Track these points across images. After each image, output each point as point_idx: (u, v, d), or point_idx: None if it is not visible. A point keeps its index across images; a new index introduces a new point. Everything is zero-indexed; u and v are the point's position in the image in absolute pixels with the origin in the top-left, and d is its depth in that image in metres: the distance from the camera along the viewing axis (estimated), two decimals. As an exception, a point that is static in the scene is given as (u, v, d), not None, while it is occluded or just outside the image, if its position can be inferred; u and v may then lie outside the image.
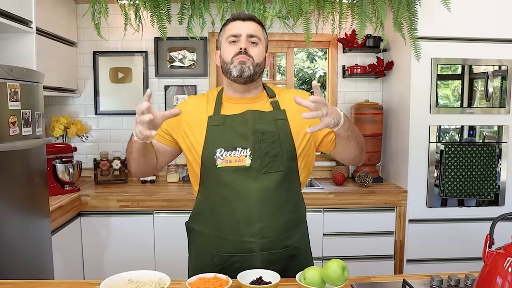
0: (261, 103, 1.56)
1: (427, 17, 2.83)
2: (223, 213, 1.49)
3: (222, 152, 1.46)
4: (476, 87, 2.97)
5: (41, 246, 2.22)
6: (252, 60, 1.48)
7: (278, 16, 2.80)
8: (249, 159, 1.45)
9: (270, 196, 1.46)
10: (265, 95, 1.58)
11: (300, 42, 3.42)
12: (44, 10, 2.68)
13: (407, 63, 2.98)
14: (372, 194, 2.95)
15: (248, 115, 1.50)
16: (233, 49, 1.50)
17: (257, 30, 1.51)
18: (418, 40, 2.80)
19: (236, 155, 1.46)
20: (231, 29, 1.51)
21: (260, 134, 1.47)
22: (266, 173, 1.46)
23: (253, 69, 1.48)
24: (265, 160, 1.46)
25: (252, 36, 1.49)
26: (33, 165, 2.16)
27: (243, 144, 1.47)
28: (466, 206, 2.99)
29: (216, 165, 1.46)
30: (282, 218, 1.50)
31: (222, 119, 1.50)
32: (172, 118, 1.44)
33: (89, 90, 3.36)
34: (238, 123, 1.49)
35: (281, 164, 1.48)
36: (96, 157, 3.27)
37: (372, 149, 3.26)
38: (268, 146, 1.47)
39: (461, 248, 2.99)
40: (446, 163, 2.90)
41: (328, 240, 2.95)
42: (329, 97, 3.52)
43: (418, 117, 2.94)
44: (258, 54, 1.50)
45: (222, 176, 1.46)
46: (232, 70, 1.48)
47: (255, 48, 1.50)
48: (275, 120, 1.51)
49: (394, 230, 2.98)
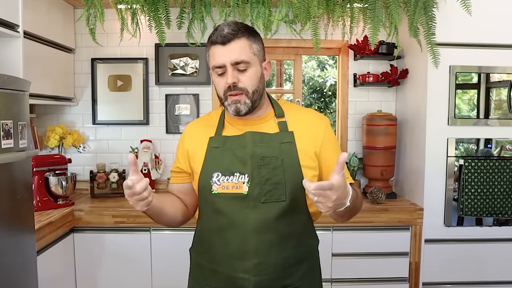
0: (267, 123, 1.40)
1: (445, 22, 2.65)
2: (217, 244, 1.36)
3: (219, 177, 1.34)
4: (498, 97, 2.76)
5: (25, 267, 2.05)
6: (246, 92, 1.32)
7: (284, 20, 2.64)
8: (247, 186, 1.30)
9: (268, 228, 1.30)
10: (272, 114, 1.42)
11: (308, 49, 3.26)
12: (36, 14, 2.56)
13: (423, 71, 2.79)
14: (385, 211, 2.77)
15: (248, 137, 1.34)
16: (222, 82, 1.34)
17: (243, 50, 1.31)
18: (436, 46, 2.61)
19: (233, 180, 1.32)
20: (214, 58, 1.32)
21: (260, 159, 1.31)
22: (265, 203, 1.30)
23: (250, 101, 1.34)
24: (265, 188, 1.30)
25: (238, 63, 1.30)
26: (16, 180, 2.00)
27: (241, 169, 1.32)
28: (485, 226, 2.79)
29: (212, 191, 1.33)
30: (281, 253, 1.32)
31: (222, 141, 1.39)
32: (180, 153, 1.47)
33: (87, 99, 3.22)
34: (237, 145, 1.35)
35: (283, 193, 1.31)
36: (93, 169, 3.11)
37: (385, 163, 3.07)
38: (269, 173, 1.31)
39: (481, 271, 2.80)
40: (465, 178, 2.69)
41: (337, 261, 2.77)
42: (340, 107, 3.34)
43: (435, 129, 2.75)
44: (251, 79, 1.33)
45: (217, 203, 1.33)
46: (227, 107, 1.36)
47: (246, 74, 1.32)
48: (280, 143, 1.34)
49: (409, 250, 2.79)
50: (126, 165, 3.18)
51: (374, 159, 3.09)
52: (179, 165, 1.49)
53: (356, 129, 3.33)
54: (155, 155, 3.16)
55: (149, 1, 2.56)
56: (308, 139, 1.38)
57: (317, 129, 1.41)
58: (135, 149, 3.15)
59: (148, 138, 3.19)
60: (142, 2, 2.54)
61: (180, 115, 3.22)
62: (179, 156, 1.50)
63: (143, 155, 3.07)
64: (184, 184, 1.50)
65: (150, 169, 3.05)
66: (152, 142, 3.18)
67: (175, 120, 3.22)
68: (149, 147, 3.10)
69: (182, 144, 1.49)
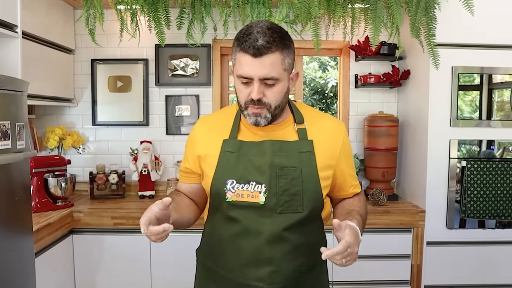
0: (286, 130, 1.35)
1: (447, 22, 2.63)
2: (229, 251, 1.33)
3: (233, 184, 1.29)
4: (500, 98, 2.74)
5: (23, 269, 2.03)
6: (268, 107, 1.25)
7: (285, 21, 2.61)
8: (264, 196, 1.27)
9: (283, 238, 1.28)
10: (291, 121, 1.37)
11: (309, 50, 3.22)
12: (36, 14, 2.55)
13: (425, 72, 2.77)
14: (386, 213, 2.74)
15: (267, 145, 1.30)
16: (245, 91, 1.25)
17: (274, 66, 1.20)
18: (437, 47, 2.59)
19: (249, 189, 1.28)
20: (240, 66, 1.22)
21: (279, 169, 1.27)
22: (282, 213, 1.27)
23: (270, 116, 1.27)
24: (282, 199, 1.27)
25: (267, 79, 1.21)
26: (13, 181, 1.98)
27: (258, 179, 1.27)
28: (488, 228, 2.76)
29: (226, 199, 1.29)
30: (294, 262, 1.31)
31: (237, 145, 1.32)
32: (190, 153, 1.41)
33: (87, 100, 3.21)
34: (255, 153, 1.30)
35: (301, 204, 1.28)
36: (93, 170, 3.09)
37: (386, 165, 3.04)
38: (287, 183, 1.27)
39: (483, 274, 2.77)
40: (468, 180, 2.66)
41: None
42: (341, 109, 3.32)
43: (437, 131, 2.72)
44: (277, 94, 1.25)
45: (232, 212, 1.29)
46: (246, 117, 1.29)
47: (272, 89, 1.24)
48: (300, 152, 1.31)
49: (411, 253, 2.76)
50: (126, 167, 3.16)
51: (375, 160, 3.06)
52: (188, 165, 1.44)
53: (357, 131, 3.30)
54: (155, 156, 3.14)
55: (149, 2, 2.54)
56: (326, 149, 1.35)
57: (335, 138, 1.39)
58: (135, 150, 3.13)
59: (148, 139, 3.17)
60: (141, 2, 2.53)
61: (180, 116, 3.20)
62: (188, 156, 1.44)
63: (143, 156, 3.05)
64: (194, 185, 1.46)
65: (150, 170, 3.03)
66: (152, 143, 3.16)
67: (175, 121, 3.21)
68: (149, 148, 3.08)
69: (192, 144, 1.43)
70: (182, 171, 1.48)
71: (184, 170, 1.46)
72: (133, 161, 3.09)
